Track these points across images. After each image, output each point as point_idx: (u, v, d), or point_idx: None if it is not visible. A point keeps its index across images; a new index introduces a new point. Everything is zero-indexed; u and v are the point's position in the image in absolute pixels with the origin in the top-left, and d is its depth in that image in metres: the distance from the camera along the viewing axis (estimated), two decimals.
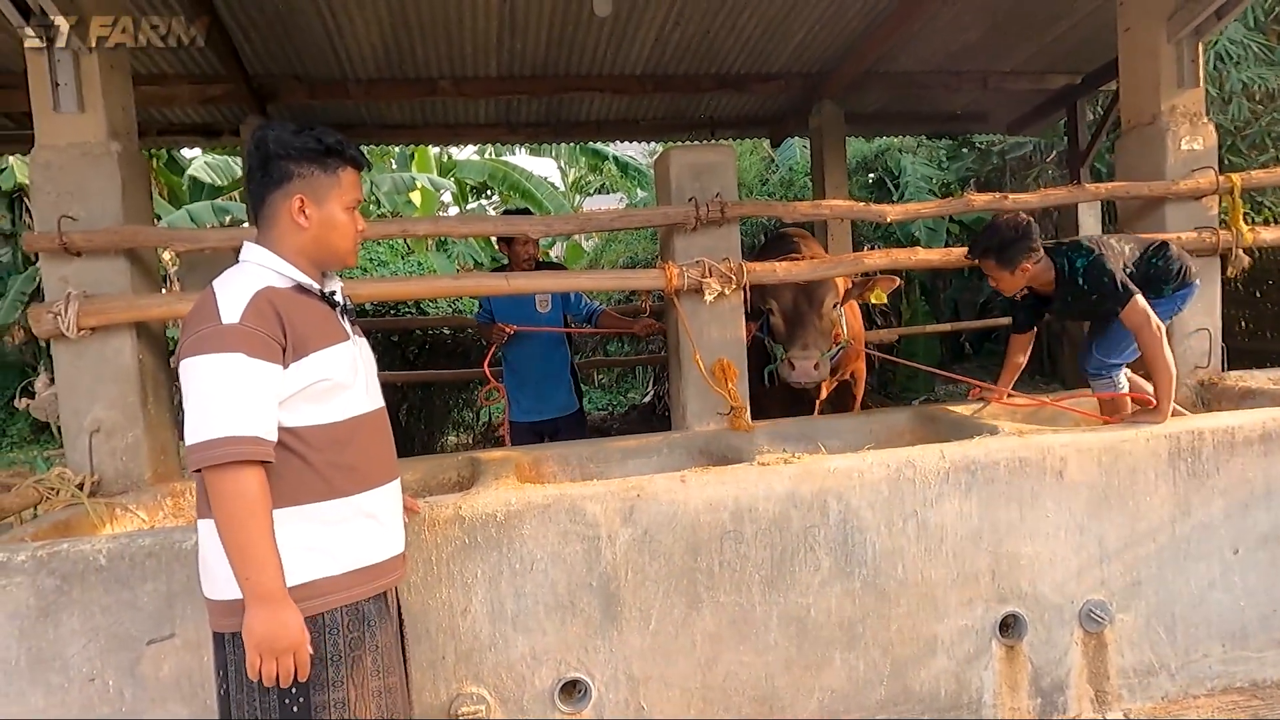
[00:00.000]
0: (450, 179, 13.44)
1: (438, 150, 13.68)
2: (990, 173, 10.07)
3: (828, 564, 2.73)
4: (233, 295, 1.75)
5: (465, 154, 14.88)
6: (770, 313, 3.90)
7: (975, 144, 10.15)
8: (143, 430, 3.15)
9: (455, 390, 7.83)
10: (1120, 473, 2.92)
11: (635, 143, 8.83)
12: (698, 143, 7.27)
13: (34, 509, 2.97)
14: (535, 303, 4.36)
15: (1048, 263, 3.20)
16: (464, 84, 5.84)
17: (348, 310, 1.97)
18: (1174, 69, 4.01)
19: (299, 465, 1.78)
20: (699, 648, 2.66)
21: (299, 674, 1.71)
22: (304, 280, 1.86)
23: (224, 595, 1.75)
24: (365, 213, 5.63)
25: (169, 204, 11.16)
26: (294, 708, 1.74)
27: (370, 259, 9.30)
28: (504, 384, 4.46)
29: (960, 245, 4.15)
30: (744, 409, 3.49)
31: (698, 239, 3.49)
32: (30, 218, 8.54)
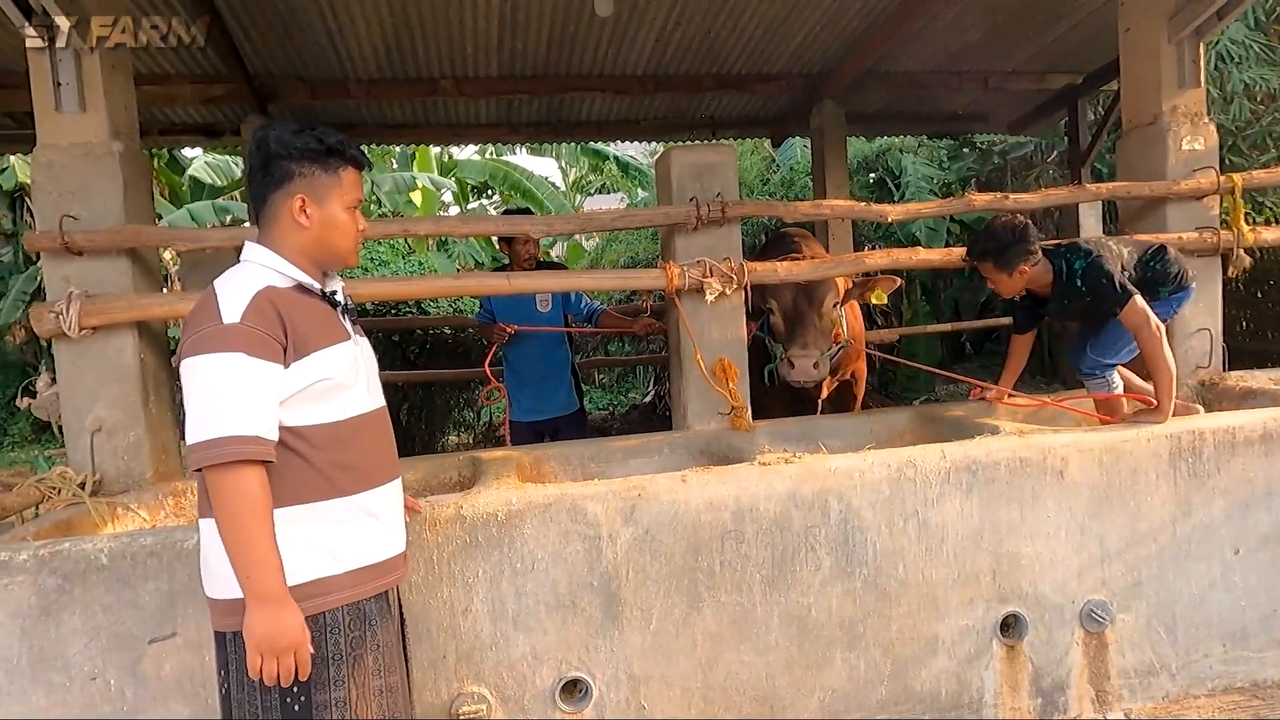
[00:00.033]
0: (451, 179, 13.44)
1: (438, 150, 13.67)
2: (991, 173, 10.05)
3: (829, 564, 2.73)
4: (234, 295, 1.75)
5: (466, 154, 14.88)
6: (771, 312, 3.91)
7: (976, 144, 10.13)
8: (144, 429, 3.16)
9: (456, 390, 7.84)
10: (1121, 473, 2.93)
11: (636, 143, 8.83)
12: (699, 143, 7.25)
13: (35, 508, 2.97)
14: (536, 302, 4.36)
15: (1046, 265, 3.20)
16: (465, 84, 5.83)
17: (349, 310, 1.97)
18: (1175, 69, 4.01)
19: (300, 464, 1.78)
20: (700, 647, 2.66)
21: (300, 673, 1.72)
22: (305, 280, 1.86)
23: (225, 594, 1.75)
24: (366, 212, 5.63)
25: (170, 203, 11.16)
26: (295, 707, 1.74)
27: (371, 258, 9.32)
28: (505, 384, 4.46)
29: (961, 245, 4.14)
30: (745, 409, 3.50)
31: (699, 239, 3.49)
32: (32, 217, 8.59)
